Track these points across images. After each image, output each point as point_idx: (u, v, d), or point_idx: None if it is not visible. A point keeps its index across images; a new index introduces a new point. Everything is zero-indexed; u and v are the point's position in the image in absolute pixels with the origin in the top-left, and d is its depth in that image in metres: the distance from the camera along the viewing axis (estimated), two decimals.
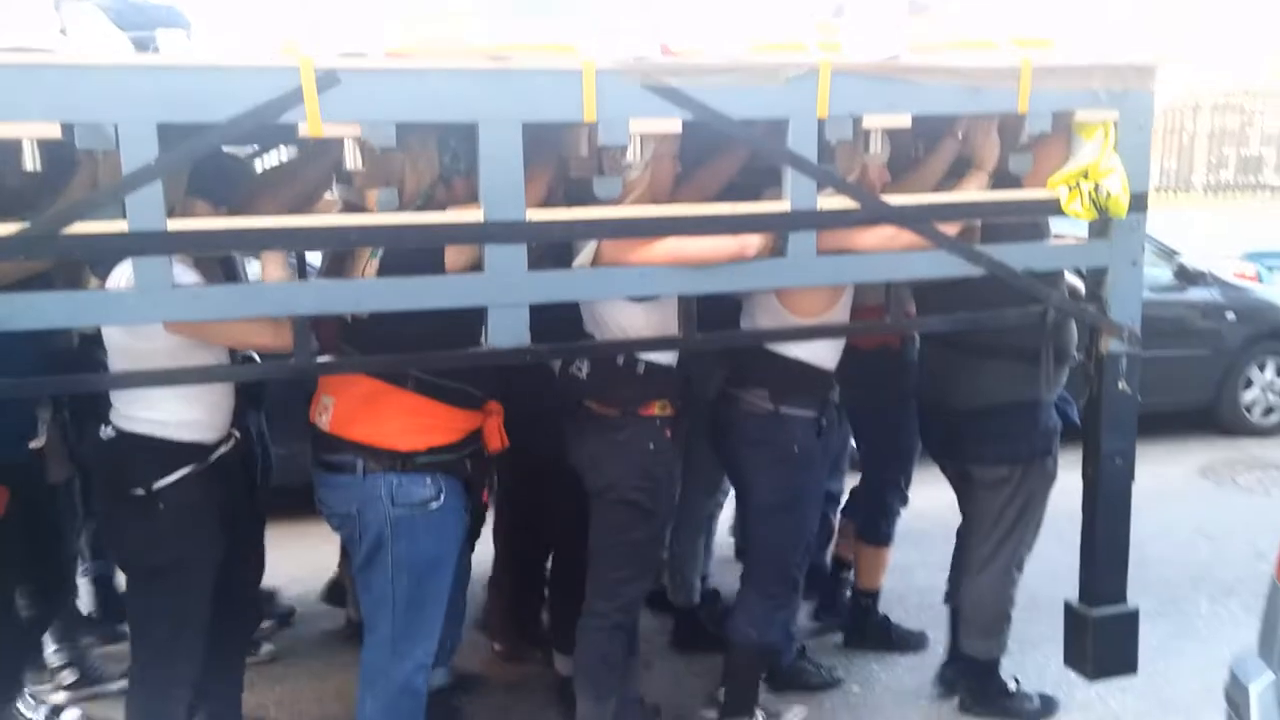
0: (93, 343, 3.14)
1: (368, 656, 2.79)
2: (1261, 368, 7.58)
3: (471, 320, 2.56)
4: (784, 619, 3.29)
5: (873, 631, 4.05)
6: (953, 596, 3.71)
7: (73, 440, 3.13)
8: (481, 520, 3.39)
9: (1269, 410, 7.65)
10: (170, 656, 2.69)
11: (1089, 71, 2.91)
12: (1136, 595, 3.24)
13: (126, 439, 2.57)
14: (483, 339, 2.58)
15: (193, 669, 2.74)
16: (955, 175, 3.09)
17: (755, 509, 3.13)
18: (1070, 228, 3.36)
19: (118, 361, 2.55)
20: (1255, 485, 6.49)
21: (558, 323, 2.74)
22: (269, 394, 3.65)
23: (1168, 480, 3.06)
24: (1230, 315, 7.34)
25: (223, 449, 2.68)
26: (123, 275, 2.40)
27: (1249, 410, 7.60)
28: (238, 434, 2.75)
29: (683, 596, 3.99)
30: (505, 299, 2.54)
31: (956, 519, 3.63)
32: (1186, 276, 7.22)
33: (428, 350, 2.61)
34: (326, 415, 2.73)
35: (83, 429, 3.07)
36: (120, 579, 4.18)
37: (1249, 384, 7.56)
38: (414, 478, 2.68)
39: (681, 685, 3.74)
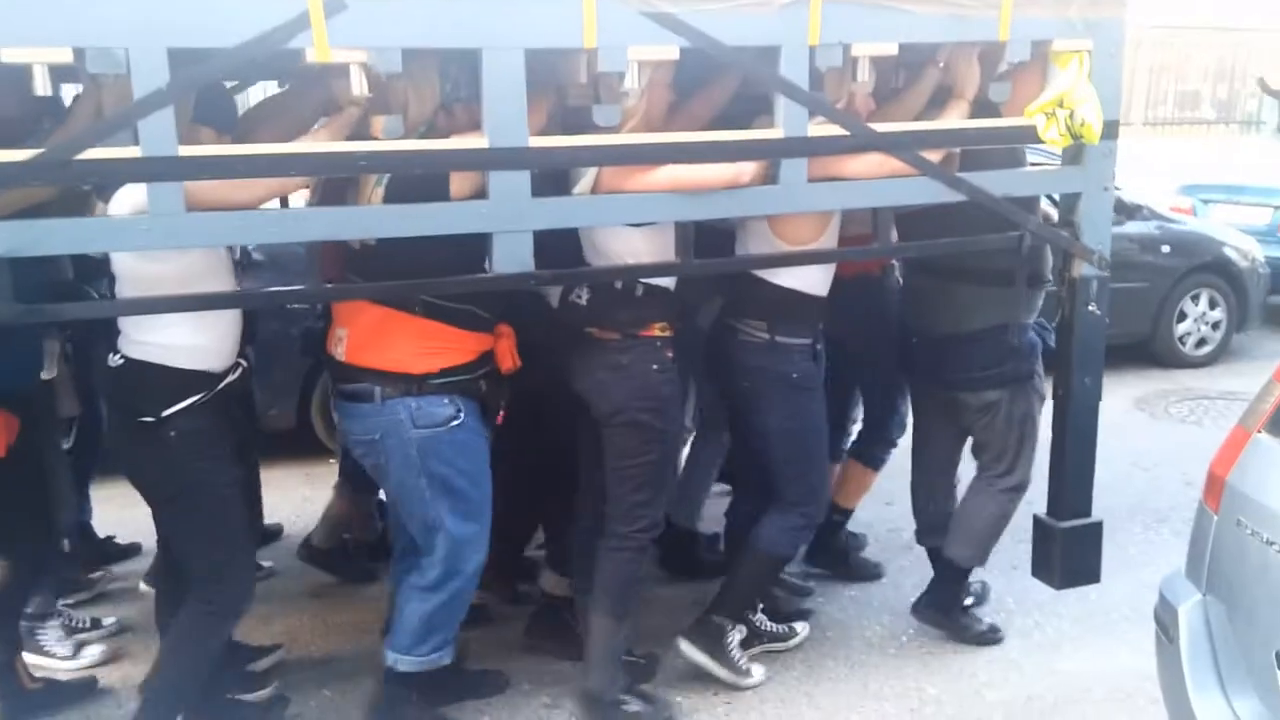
0: (88, 278, 3.15)
1: (418, 578, 2.88)
2: (1195, 300, 7.78)
3: (475, 246, 2.62)
4: (805, 537, 3.42)
5: (834, 551, 4.17)
6: (924, 535, 3.84)
7: (80, 374, 3.14)
8: None
9: (1201, 342, 7.86)
10: (219, 577, 2.75)
11: (1065, 1, 3.01)
12: None
13: (136, 366, 2.59)
14: (487, 265, 2.63)
15: (243, 591, 2.81)
16: (935, 104, 3.19)
17: (766, 436, 3.21)
18: (1046, 156, 3.48)
19: (126, 289, 2.57)
20: (1188, 415, 6.72)
21: (554, 254, 2.79)
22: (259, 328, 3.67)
23: (1105, 413, 3.19)
24: (1166, 249, 7.51)
25: (230, 378, 2.71)
26: (126, 201, 2.42)
27: (1182, 342, 7.80)
28: (244, 363, 2.78)
29: (685, 518, 4.07)
30: (510, 225, 2.59)
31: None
32: (1123, 210, 7.34)
33: (434, 276, 2.65)
34: (342, 346, 2.78)
35: (88, 362, 3.08)
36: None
37: (1182, 317, 7.75)
38: (431, 399, 2.75)
39: (673, 616, 3.79)
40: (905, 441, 4.07)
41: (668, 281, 2.98)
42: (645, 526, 3.06)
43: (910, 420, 3.99)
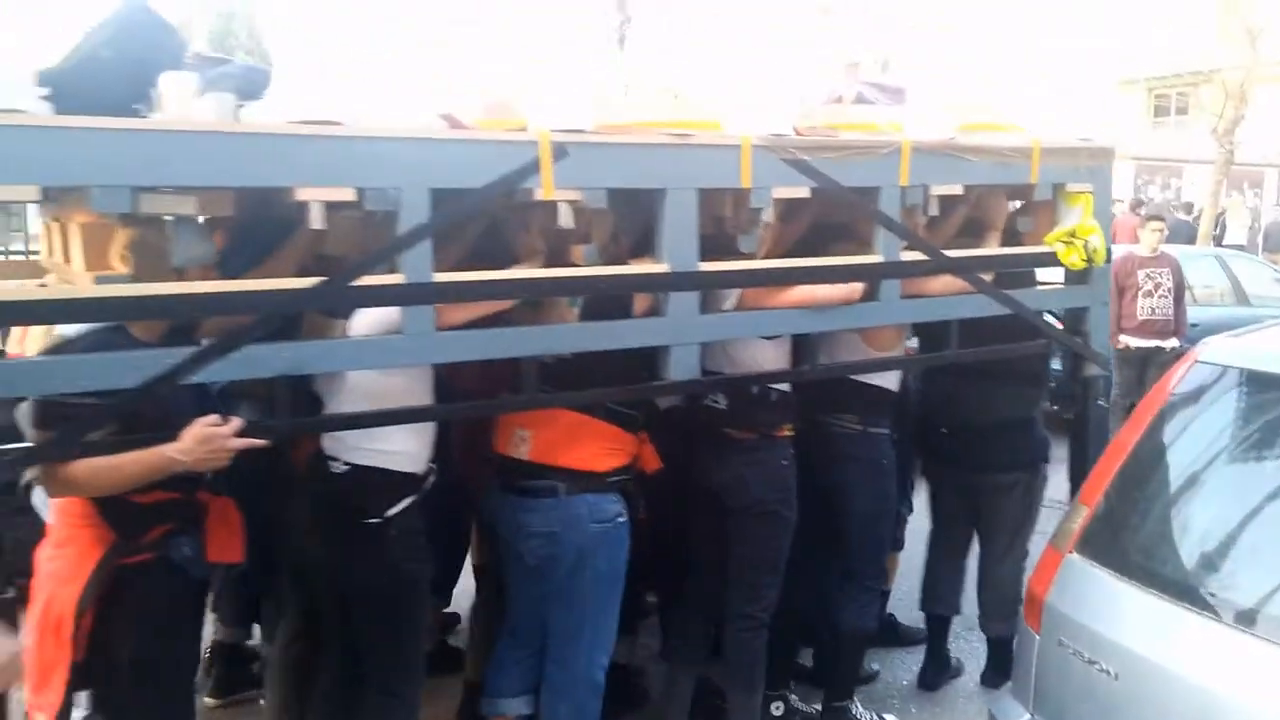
0: None
1: (560, 664, 3.09)
2: None
3: (645, 358, 2.99)
4: (878, 610, 3.82)
5: (882, 629, 4.58)
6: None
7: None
8: None
9: None
10: (408, 670, 2.90)
11: (1075, 152, 3.72)
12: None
13: (360, 471, 2.79)
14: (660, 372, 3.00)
15: (421, 683, 2.96)
16: (966, 233, 3.80)
17: (855, 515, 3.62)
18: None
19: (354, 403, 2.77)
20: None
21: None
22: None
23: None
24: None
25: (430, 479, 2.94)
26: (363, 322, 2.69)
27: None
28: (435, 465, 3.00)
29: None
30: (683, 338, 2.99)
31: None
32: None
33: (614, 384, 3.00)
34: (525, 445, 3.05)
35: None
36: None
37: None
38: (605, 496, 3.04)
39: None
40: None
41: (789, 386, 3.41)
42: (767, 605, 3.40)
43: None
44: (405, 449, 2.84)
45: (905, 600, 4.75)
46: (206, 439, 2.37)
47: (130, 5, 2.61)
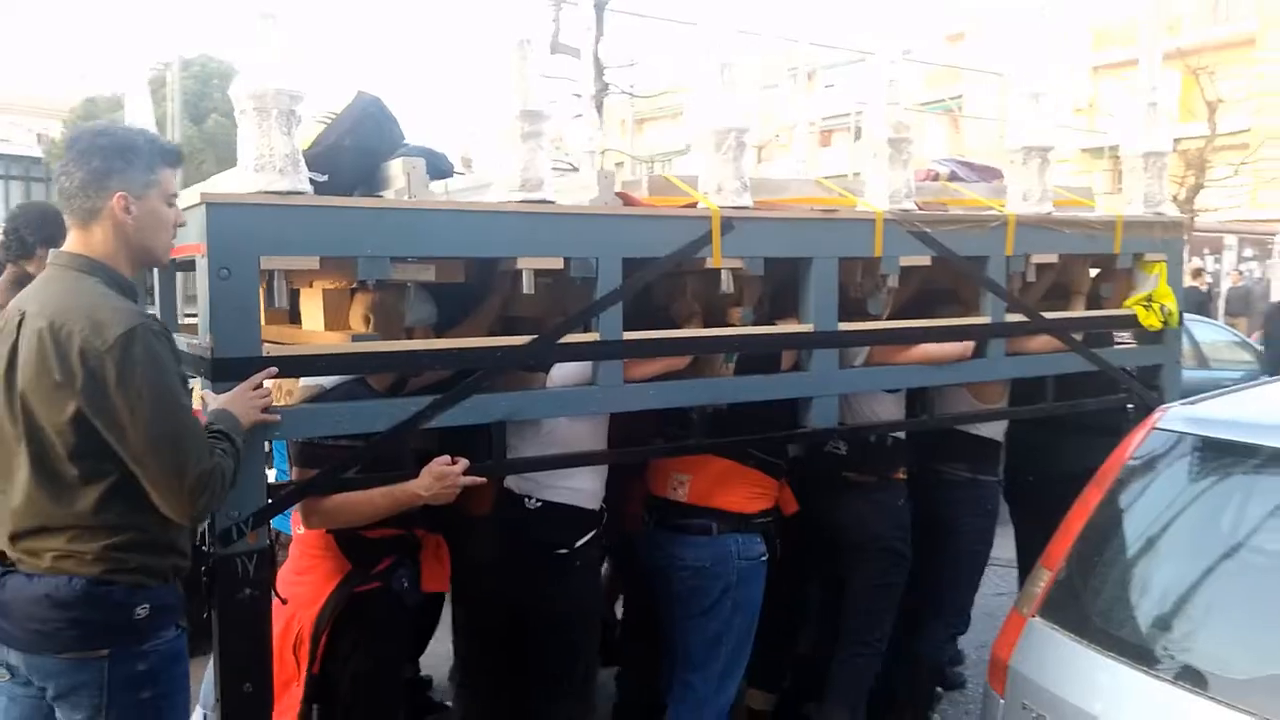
0: None
1: (691, 687, 3.38)
2: None
3: (787, 407, 3.33)
4: (953, 645, 4.11)
5: None
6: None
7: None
8: None
9: None
10: (580, 695, 3.19)
11: (1152, 225, 4.10)
12: None
13: (551, 506, 3.11)
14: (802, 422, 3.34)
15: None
16: (1051, 296, 4.16)
17: (957, 556, 3.94)
18: None
19: (541, 445, 3.09)
20: None
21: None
22: None
23: None
24: None
25: (605, 516, 3.26)
26: (559, 375, 3.02)
27: None
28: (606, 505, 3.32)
29: None
30: (824, 390, 3.34)
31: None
32: None
33: (761, 432, 3.34)
34: (683, 488, 3.37)
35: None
36: None
37: None
38: (751, 536, 3.36)
39: None
40: None
41: (903, 434, 3.75)
42: (883, 635, 3.71)
43: None
44: (588, 487, 3.15)
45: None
46: (442, 476, 2.69)
47: (365, 100, 2.99)
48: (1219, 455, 2.54)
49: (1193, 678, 2.15)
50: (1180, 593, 2.41)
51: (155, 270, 3.72)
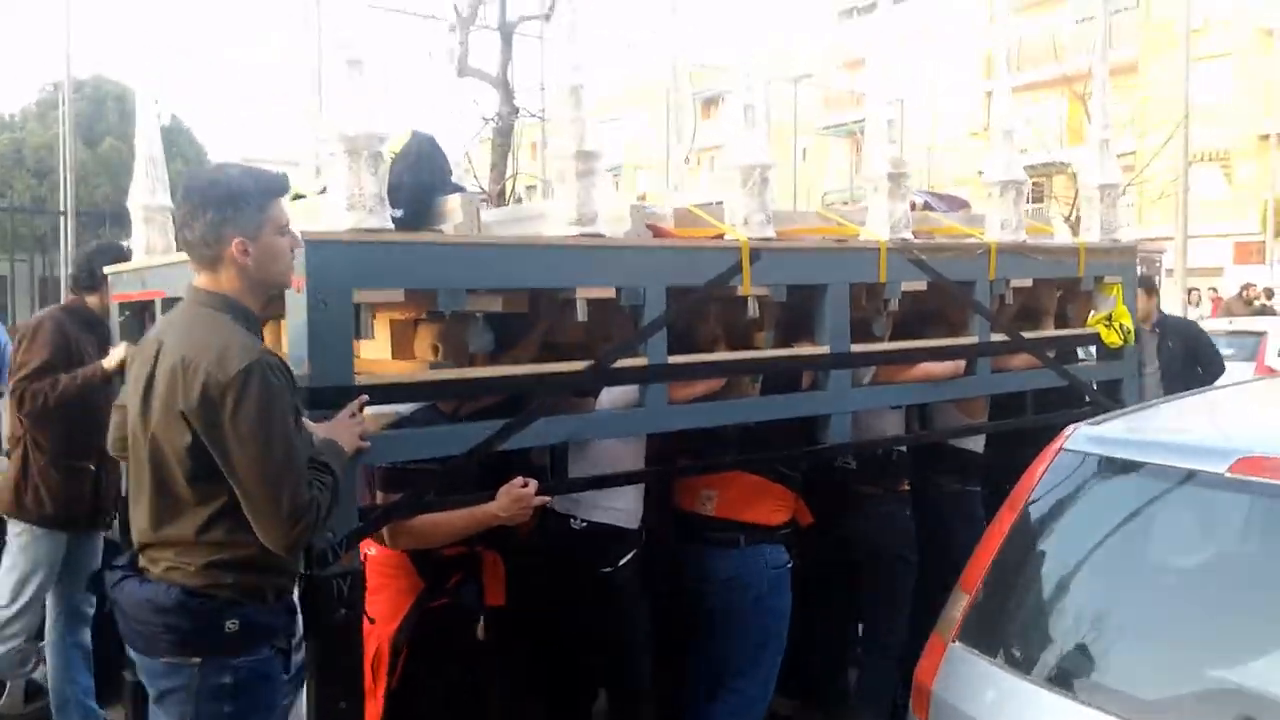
0: None
1: (739, 691, 3.57)
2: None
3: (805, 424, 3.58)
4: None
5: None
6: None
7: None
8: None
9: None
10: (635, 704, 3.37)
11: (1109, 250, 4.47)
12: None
13: (597, 527, 3.28)
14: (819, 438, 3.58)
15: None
16: (1021, 318, 4.50)
17: (956, 564, 4.20)
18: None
19: (589, 466, 3.26)
20: None
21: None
22: None
23: None
24: None
25: (645, 536, 3.44)
26: (607, 398, 3.21)
27: None
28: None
29: None
30: (840, 407, 3.59)
31: None
32: None
33: (782, 448, 3.57)
34: (711, 503, 3.57)
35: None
36: None
37: None
38: (777, 546, 3.58)
39: None
40: None
41: (904, 449, 4.02)
42: (900, 639, 3.96)
43: None
44: (630, 506, 3.34)
45: None
46: (518, 498, 2.85)
47: (421, 138, 3.14)
48: (1124, 474, 2.54)
49: (1108, 699, 2.16)
50: (1093, 614, 2.43)
51: (117, 311, 3.91)
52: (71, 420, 3.84)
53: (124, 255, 4.13)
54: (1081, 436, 2.65)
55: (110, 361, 3.82)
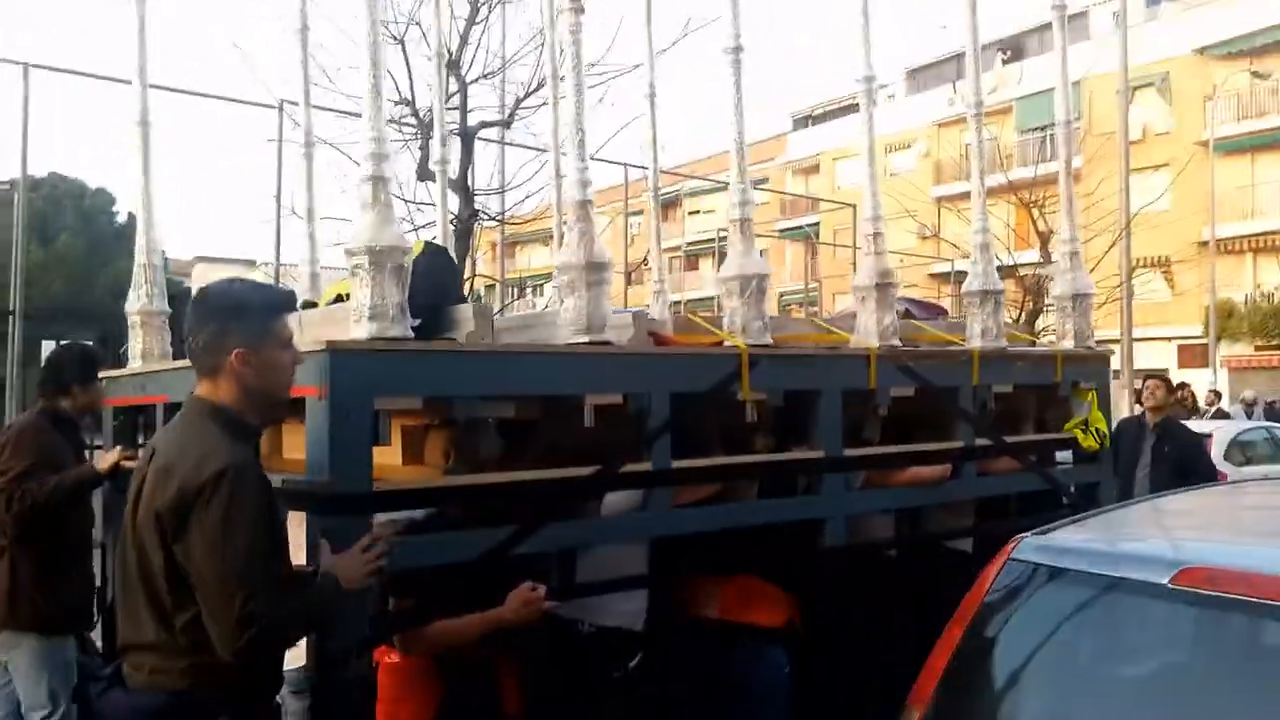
0: None
1: None
2: None
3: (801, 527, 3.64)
4: None
5: None
6: None
7: None
8: None
9: None
10: None
11: (1085, 357, 4.64)
12: None
13: (604, 630, 3.27)
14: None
15: None
16: (1002, 421, 4.62)
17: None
18: None
19: (593, 570, 3.28)
20: None
21: None
22: None
23: None
24: None
25: (650, 639, 3.44)
26: (611, 500, 3.26)
27: None
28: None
29: None
30: (835, 511, 3.66)
31: None
32: None
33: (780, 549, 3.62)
34: (713, 605, 3.59)
35: None
36: None
37: None
38: (775, 646, 3.60)
39: None
40: None
41: None
42: None
43: None
44: (635, 608, 3.35)
45: None
46: (528, 601, 2.86)
47: (433, 250, 3.23)
48: (1070, 585, 2.51)
49: None
50: None
51: (112, 415, 3.91)
52: (62, 522, 3.80)
53: (90, 356, 4.19)
54: (1028, 546, 2.63)
55: (103, 464, 3.80)
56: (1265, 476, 10.06)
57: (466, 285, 7.25)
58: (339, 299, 3.11)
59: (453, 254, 6.68)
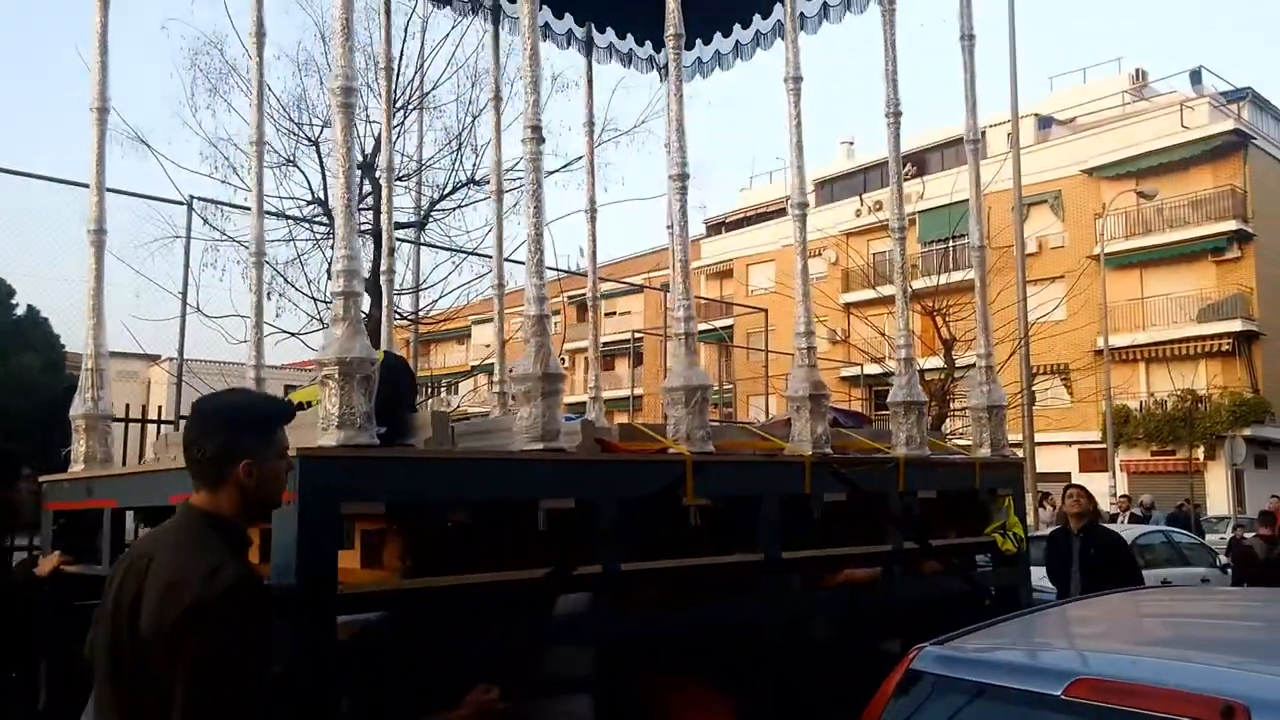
0: None
1: None
2: None
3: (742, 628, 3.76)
4: None
5: None
6: None
7: None
8: None
9: None
10: None
11: (1001, 465, 4.90)
12: None
13: None
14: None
15: None
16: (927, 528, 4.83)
17: None
18: None
19: (548, 670, 3.34)
20: None
21: None
22: None
23: None
24: None
25: None
26: (562, 601, 3.35)
27: None
28: None
29: None
30: (777, 614, 3.79)
31: None
32: None
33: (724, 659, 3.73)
34: (660, 709, 3.66)
35: None
36: None
37: None
38: None
39: None
40: None
41: None
42: None
43: None
44: (584, 712, 3.42)
45: None
46: (482, 705, 2.92)
47: (391, 358, 3.34)
48: (966, 696, 2.52)
49: None
50: None
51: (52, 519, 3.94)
52: None
53: (13, 458, 4.20)
54: (928, 656, 2.68)
55: (43, 569, 3.77)
56: (1165, 581, 10.47)
57: None
58: (301, 406, 3.19)
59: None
